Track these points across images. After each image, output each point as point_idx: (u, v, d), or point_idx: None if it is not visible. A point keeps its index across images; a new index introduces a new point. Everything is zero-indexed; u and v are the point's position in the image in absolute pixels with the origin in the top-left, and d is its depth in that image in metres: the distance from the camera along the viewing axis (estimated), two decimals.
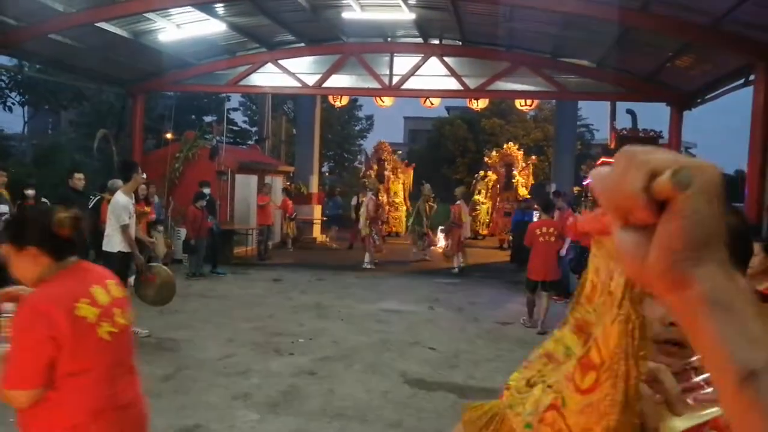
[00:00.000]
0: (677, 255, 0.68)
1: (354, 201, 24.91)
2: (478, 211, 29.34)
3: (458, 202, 18.92)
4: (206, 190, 16.40)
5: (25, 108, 31.87)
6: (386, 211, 25.88)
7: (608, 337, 0.85)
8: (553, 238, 11.86)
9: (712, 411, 1.08)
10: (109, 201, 11.58)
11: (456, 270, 18.37)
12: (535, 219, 17.56)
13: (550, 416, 0.90)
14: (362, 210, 20.08)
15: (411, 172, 30.84)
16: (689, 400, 1.13)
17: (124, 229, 9.60)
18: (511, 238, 22.62)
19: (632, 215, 0.71)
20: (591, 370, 0.87)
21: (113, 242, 9.68)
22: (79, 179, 12.30)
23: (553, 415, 0.90)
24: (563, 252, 13.00)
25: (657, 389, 1.06)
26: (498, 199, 28.69)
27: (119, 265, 9.88)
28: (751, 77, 13.30)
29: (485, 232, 29.35)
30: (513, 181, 28.74)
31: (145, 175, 14.14)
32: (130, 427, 3.06)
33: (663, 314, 1.30)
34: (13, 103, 29.48)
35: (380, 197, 26.78)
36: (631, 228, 0.72)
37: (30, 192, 12.04)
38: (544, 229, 11.98)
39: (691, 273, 0.68)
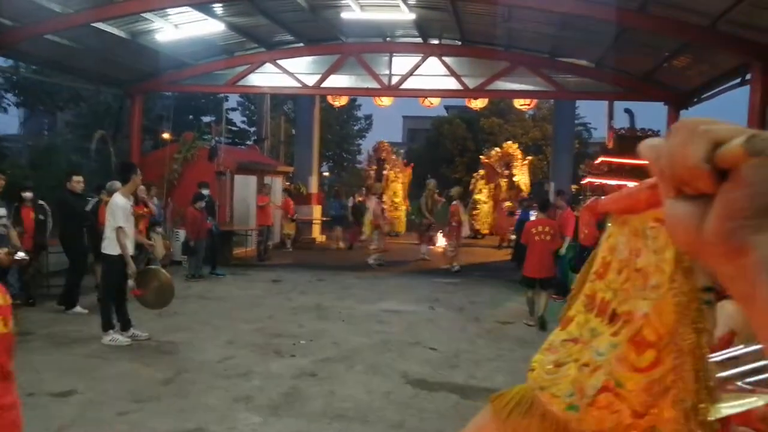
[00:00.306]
0: (738, 222, 0.67)
1: (350, 202, 24.92)
2: (479, 211, 29.39)
3: (454, 202, 18.99)
4: (205, 191, 16.38)
5: (21, 109, 31.81)
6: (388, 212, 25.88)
7: (663, 313, 0.85)
8: (549, 237, 11.93)
9: (751, 400, 1.07)
10: (107, 203, 11.59)
11: (456, 268, 18.46)
12: (532, 218, 17.68)
13: (603, 399, 0.89)
14: (367, 214, 20.08)
15: (410, 171, 30.88)
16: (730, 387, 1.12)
17: (119, 231, 9.57)
18: (513, 237, 22.64)
19: (688, 186, 0.70)
20: (648, 348, 0.87)
21: (113, 245, 9.66)
22: (77, 182, 12.26)
23: (608, 397, 0.89)
24: (562, 251, 13.08)
25: None
26: (501, 198, 28.67)
27: (116, 267, 9.89)
28: (748, 77, 13.32)
29: (486, 231, 29.38)
30: (514, 180, 28.74)
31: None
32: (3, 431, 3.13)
33: None
34: (9, 104, 29.47)
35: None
36: (684, 198, 0.72)
37: (27, 194, 11.99)
38: (540, 228, 12.07)
39: (750, 240, 0.67)
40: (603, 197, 11.11)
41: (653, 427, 0.85)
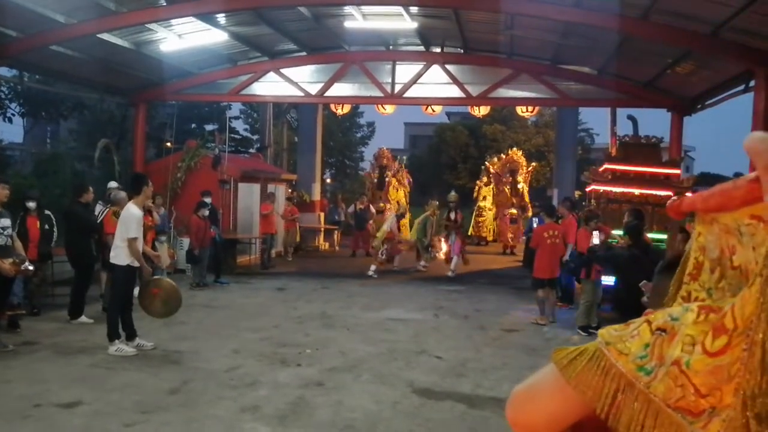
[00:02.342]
0: None
1: (351, 209, 24.92)
2: (483, 218, 29.40)
3: (458, 210, 19.08)
4: (208, 200, 16.39)
5: (25, 118, 31.83)
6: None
7: (745, 303, 0.86)
8: (558, 240, 12.88)
9: None
10: (114, 212, 11.62)
11: (451, 274, 18.40)
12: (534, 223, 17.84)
13: (673, 371, 0.90)
14: (384, 227, 20.05)
15: (407, 178, 30.72)
16: None
17: (132, 241, 9.59)
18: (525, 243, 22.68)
19: None
20: (723, 333, 0.87)
21: (122, 255, 9.68)
22: (91, 196, 12.31)
23: (676, 372, 0.90)
24: (566, 257, 13.19)
25: None
26: (505, 204, 28.63)
27: (125, 277, 9.92)
28: (752, 83, 13.35)
29: (491, 238, 29.39)
30: (519, 187, 28.74)
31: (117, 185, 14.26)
32: None
33: None
34: (14, 114, 29.48)
35: (380, 205, 27.02)
36: None
37: (31, 204, 11.96)
38: (551, 232, 13.04)
39: None
40: (628, 219, 11.00)
41: (714, 408, 0.86)
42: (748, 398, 0.82)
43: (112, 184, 13.36)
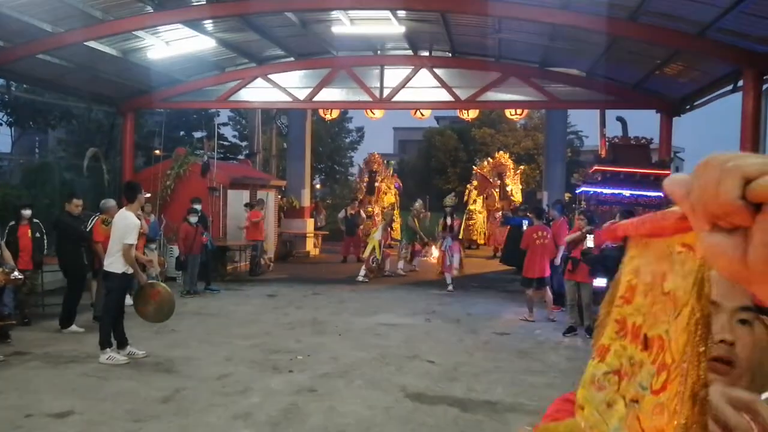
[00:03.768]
0: None
1: (342, 214, 24.90)
2: (474, 221, 29.42)
3: (454, 214, 18.94)
4: (197, 206, 16.36)
5: (12, 128, 31.72)
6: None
7: (678, 336, 0.86)
8: (546, 241, 13.25)
9: None
10: (103, 221, 11.59)
11: (450, 288, 17.31)
12: (524, 224, 17.83)
13: (631, 420, 0.90)
14: (376, 235, 20.02)
15: (394, 183, 30.73)
16: None
17: (129, 248, 9.57)
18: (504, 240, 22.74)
19: (723, 220, 0.72)
20: (664, 370, 0.88)
21: (118, 263, 9.65)
22: (77, 205, 12.19)
23: (633, 420, 0.90)
24: (557, 261, 13.32)
25: (754, 420, 1.05)
26: (494, 208, 28.67)
27: (120, 285, 9.90)
28: (740, 83, 13.39)
29: (482, 241, 29.40)
30: (507, 190, 28.78)
31: (148, 195, 14.37)
32: None
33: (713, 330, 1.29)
34: (1, 124, 29.41)
35: (368, 210, 27.05)
36: (720, 230, 0.73)
37: (27, 212, 11.97)
38: (540, 233, 13.38)
39: None
40: (620, 220, 11.22)
41: None
42: (681, 429, 0.82)
43: (110, 202, 13.23)
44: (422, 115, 21.52)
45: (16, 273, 9.97)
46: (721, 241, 0.73)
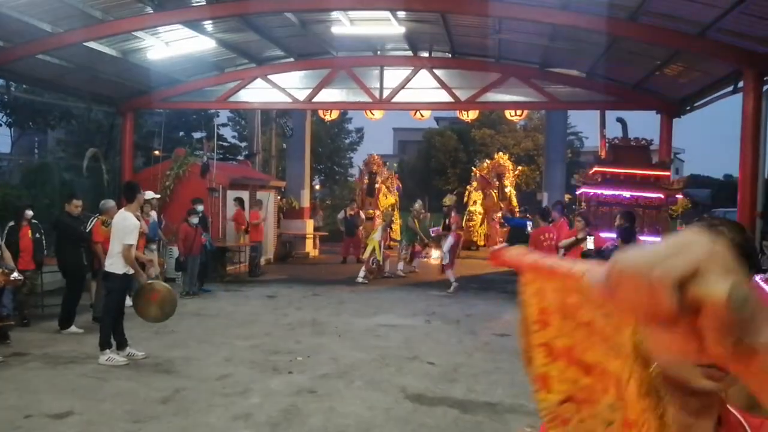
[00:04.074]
0: (736, 338, 0.71)
1: (341, 215, 24.89)
2: (474, 222, 29.42)
3: (453, 213, 18.89)
4: (200, 207, 16.36)
5: (12, 128, 31.72)
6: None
7: (634, 402, 0.87)
8: (553, 243, 13.15)
9: None
10: (103, 222, 11.57)
11: (452, 290, 17.16)
12: (529, 226, 17.85)
13: None
14: (376, 236, 19.99)
15: (395, 183, 30.73)
16: None
17: (129, 248, 9.55)
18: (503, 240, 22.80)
19: (662, 318, 0.74)
20: (629, 427, 0.88)
21: (119, 263, 9.63)
22: (76, 206, 12.16)
23: None
24: None
25: None
26: (493, 209, 28.65)
27: (121, 286, 9.89)
28: (740, 84, 13.39)
29: (482, 242, 29.39)
30: (506, 191, 28.78)
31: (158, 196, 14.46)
32: None
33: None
34: (0, 124, 29.42)
35: (369, 212, 27.06)
36: (663, 325, 0.75)
37: (29, 213, 11.97)
38: (547, 235, 13.43)
39: (754, 344, 0.71)
40: (620, 221, 11.02)
41: None
42: None
43: (110, 203, 13.19)
44: (422, 115, 21.51)
45: (15, 274, 9.96)
46: (668, 337, 0.77)
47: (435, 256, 20.55)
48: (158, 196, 16.32)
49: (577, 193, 16.23)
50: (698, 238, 0.75)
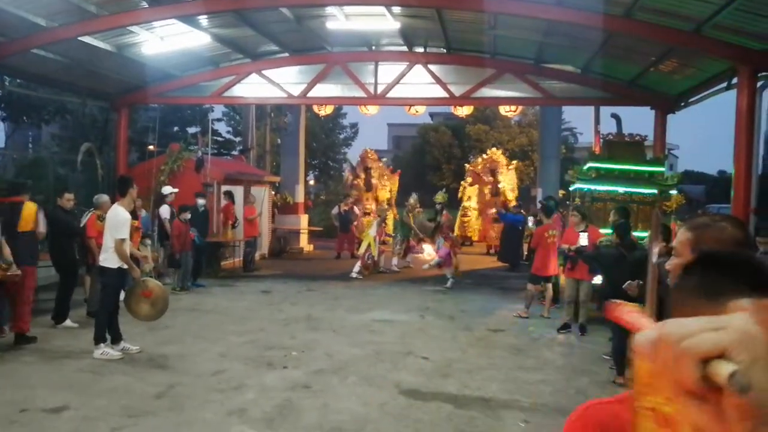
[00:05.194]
0: (757, 421, 0.71)
1: (335, 210, 24.89)
2: (469, 218, 29.43)
3: (444, 210, 18.88)
4: (201, 201, 16.50)
5: (6, 123, 31.62)
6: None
7: None
8: (556, 239, 13.11)
9: None
10: (98, 216, 11.54)
11: (450, 283, 17.29)
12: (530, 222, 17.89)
13: None
14: (371, 231, 19.97)
15: (397, 178, 30.82)
16: None
17: (121, 243, 9.53)
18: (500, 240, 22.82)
19: (689, 391, 0.77)
20: None
21: (113, 258, 9.61)
22: (68, 200, 12.12)
23: None
24: None
25: None
26: (487, 204, 28.65)
27: (116, 280, 9.87)
28: (734, 81, 13.40)
29: (476, 238, 29.40)
30: (499, 186, 28.78)
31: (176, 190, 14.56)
32: None
33: None
34: None
35: (366, 207, 27.05)
36: (693, 400, 0.78)
37: None
38: (551, 232, 13.35)
39: None
40: (614, 217, 11.04)
41: None
42: None
43: (103, 197, 13.15)
44: (417, 111, 21.52)
45: (14, 268, 9.94)
46: (696, 414, 0.77)
47: (429, 252, 20.51)
48: (176, 190, 16.39)
49: (571, 188, 16.23)
50: (739, 318, 0.76)
